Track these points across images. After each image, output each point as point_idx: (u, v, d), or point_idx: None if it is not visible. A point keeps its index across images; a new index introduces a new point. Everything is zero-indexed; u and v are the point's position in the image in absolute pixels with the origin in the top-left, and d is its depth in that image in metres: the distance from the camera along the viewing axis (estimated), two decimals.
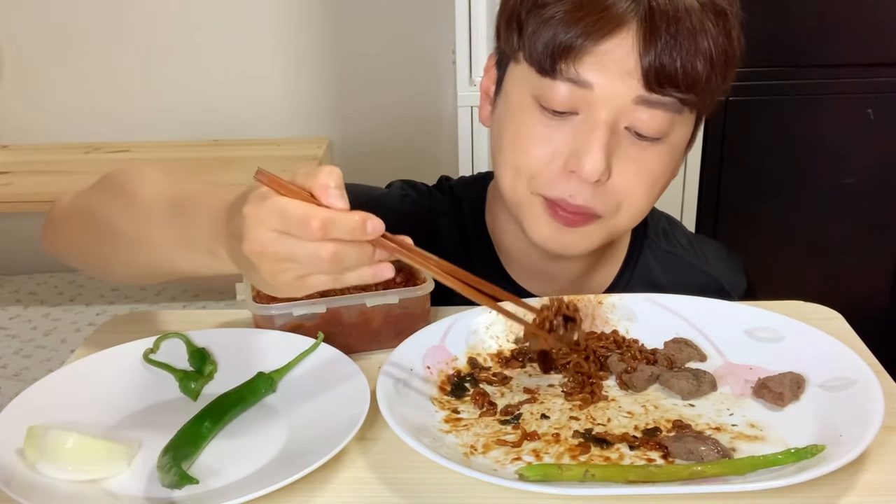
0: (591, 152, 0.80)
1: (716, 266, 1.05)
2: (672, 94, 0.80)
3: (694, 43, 0.78)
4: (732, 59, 0.83)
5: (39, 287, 2.46)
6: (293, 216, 0.61)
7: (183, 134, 2.51)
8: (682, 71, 0.78)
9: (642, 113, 0.80)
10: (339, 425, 0.68)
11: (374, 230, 0.63)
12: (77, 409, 0.73)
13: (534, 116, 0.83)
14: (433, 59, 2.47)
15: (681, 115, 0.83)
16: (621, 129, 0.82)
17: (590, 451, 0.68)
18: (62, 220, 0.92)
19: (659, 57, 0.77)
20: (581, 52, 0.78)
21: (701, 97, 0.82)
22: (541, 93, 0.82)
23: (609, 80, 0.79)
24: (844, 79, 2.02)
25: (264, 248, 0.62)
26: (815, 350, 0.77)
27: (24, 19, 2.45)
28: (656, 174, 0.85)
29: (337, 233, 0.61)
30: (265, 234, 0.62)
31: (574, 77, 0.80)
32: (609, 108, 0.80)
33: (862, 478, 0.64)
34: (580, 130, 0.81)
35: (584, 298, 0.87)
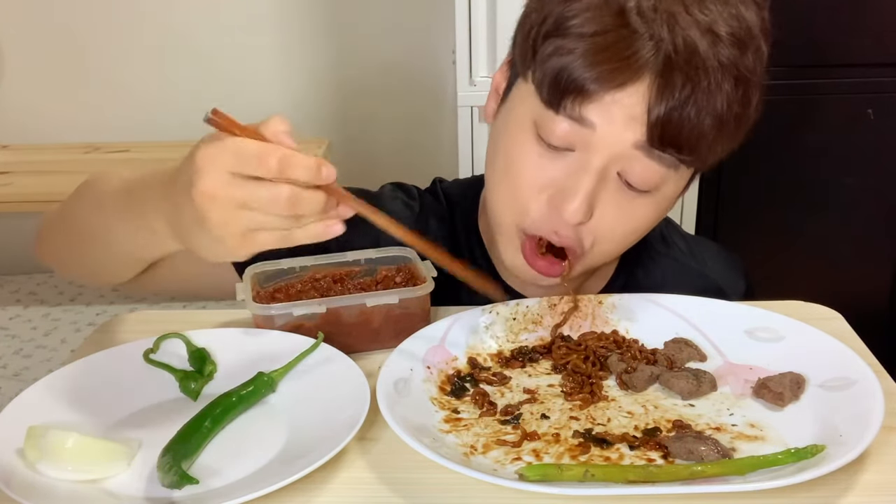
0: (576, 197, 0.78)
1: (714, 268, 1.05)
2: (672, 153, 0.77)
3: (707, 106, 0.74)
4: (745, 124, 0.80)
5: (39, 287, 2.46)
6: (250, 153, 0.60)
7: (183, 134, 2.50)
8: (687, 133, 0.75)
9: (637, 162, 0.78)
10: (339, 425, 0.68)
11: (328, 175, 0.62)
12: (77, 409, 0.73)
13: (530, 144, 0.81)
14: (433, 59, 2.47)
15: (676, 171, 0.80)
16: (612, 174, 0.79)
17: (590, 451, 0.68)
18: (47, 230, 0.95)
19: (667, 115, 0.74)
20: (591, 95, 0.75)
21: (701, 158, 0.80)
22: (541, 122, 0.79)
23: (612, 124, 0.76)
24: (844, 79, 2.02)
25: (217, 190, 0.61)
26: (815, 350, 0.77)
27: (24, 19, 2.45)
28: (638, 223, 0.84)
29: (294, 171, 0.61)
30: (220, 177, 0.61)
31: (577, 116, 0.77)
32: (606, 152, 0.77)
33: (862, 478, 0.64)
34: (572, 170, 0.79)
35: (584, 298, 0.87)
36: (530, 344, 0.84)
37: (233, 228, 0.62)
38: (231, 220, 0.62)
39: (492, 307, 0.85)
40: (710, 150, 0.79)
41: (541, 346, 0.84)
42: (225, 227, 0.62)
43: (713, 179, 2.09)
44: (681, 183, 0.84)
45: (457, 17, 1.85)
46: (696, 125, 0.75)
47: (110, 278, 0.94)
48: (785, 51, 2.14)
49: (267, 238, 0.64)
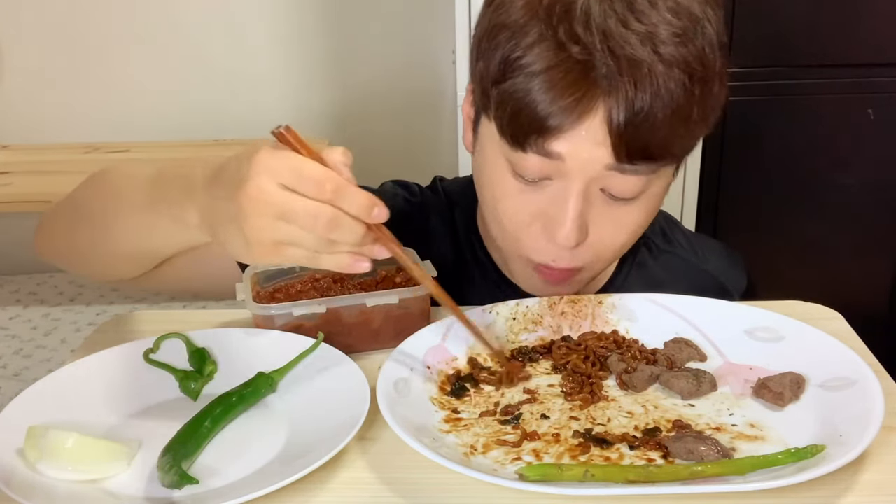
0: (565, 224, 0.79)
1: (715, 265, 1.05)
2: (643, 163, 0.77)
3: (665, 107, 0.73)
4: (712, 110, 0.79)
5: (39, 287, 2.46)
6: (310, 173, 0.62)
7: (183, 134, 2.51)
8: (653, 139, 0.75)
9: (614, 179, 0.78)
10: (339, 425, 0.68)
11: (378, 215, 0.64)
12: (77, 409, 0.73)
13: (508, 181, 0.82)
14: (433, 59, 2.47)
15: (656, 173, 0.80)
16: (595, 192, 0.80)
17: (590, 451, 0.68)
18: (50, 222, 0.93)
19: (629, 128, 0.74)
20: (554, 130, 0.75)
21: (676, 156, 0.80)
22: (513, 160, 0.80)
23: (580, 153, 0.76)
24: (844, 79, 2.02)
25: (263, 195, 0.61)
26: (815, 350, 0.77)
27: (24, 19, 2.45)
28: (634, 227, 0.84)
29: (346, 202, 0.62)
30: (270, 185, 0.62)
31: (545, 152, 0.77)
32: (581, 177, 0.77)
33: (862, 478, 0.64)
34: (554, 198, 0.80)
35: (584, 298, 0.87)
36: (530, 344, 0.84)
37: (266, 236, 0.63)
38: (266, 229, 0.63)
39: (492, 307, 0.85)
40: (682, 146, 0.79)
41: (541, 346, 0.84)
42: (259, 232, 0.63)
43: (713, 179, 2.09)
44: (666, 179, 0.84)
45: (457, 17, 1.86)
46: (659, 130, 0.74)
47: (117, 273, 0.92)
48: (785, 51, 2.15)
49: (295, 254, 0.64)
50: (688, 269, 1.03)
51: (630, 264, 1.02)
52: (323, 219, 0.62)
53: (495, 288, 0.97)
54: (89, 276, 0.95)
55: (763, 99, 2.02)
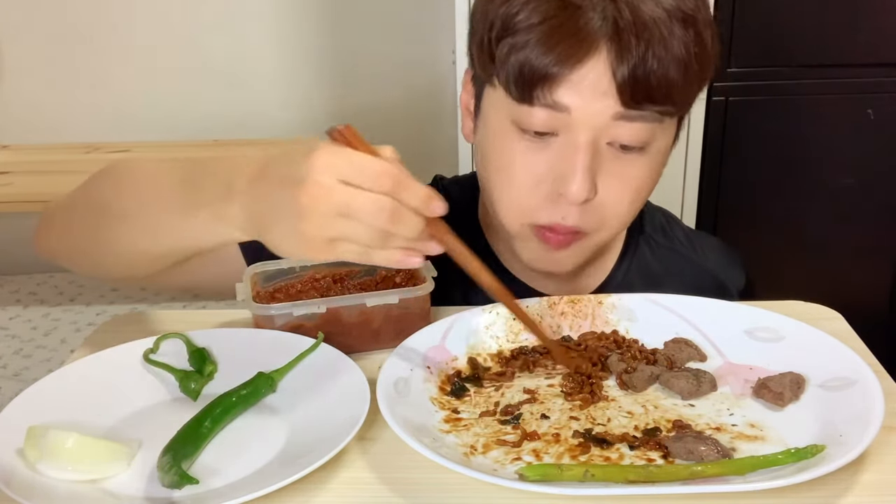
0: (575, 176, 0.80)
1: (714, 261, 1.06)
2: (649, 107, 0.79)
3: (666, 55, 0.77)
4: (708, 63, 0.82)
5: (39, 287, 2.46)
6: (369, 168, 0.62)
7: (183, 134, 2.51)
8: (656, 84, 0.77)
9: (622, 128, 0.80)
10: (339, 425, 0.68)
11: (436, 208, 0.65)
12: (77, 409, 0.73)
13: (514, 142, 0.83)
14: (433, 59, 2.47)
15: (661, 123, 0.82)
16: (603, 146, 0.81)
17: (590, 451, 0.68)
18: (55, 216, 0.91)
19: (632, 73, 0.76)
20: (557, 78, 0.77)
21: (679, 105, 0.82)
22: (519, 118, 0.81)
23: (585, 101, 0.78)
24: (844, 79, 2.02)
25: (325, 193, 0.62)
26: (815, 350, 0.77)
27: (24, 19, 2.45)
28: (641, 184, 0.85)
29: (406, 195, 0.63)
30: (331, 181, 0.62)
31: (550, 103, 0.79)
32: (588, 128, 0.79)
33: (862, 478, 0.64)
34: (562, 153, 0.81)
35: (583, 298, 0.87)
36: (530, 344, 0.84)
37: (324, 233, 0.63)
38: (325, 226, 0.63)
39: (492, 307, 0.85)
40: (684, 95, 0.81)
41: (541, 346, 0.84)
42: (318, 230, 0.63)
43: (713, 179, 2.09)
44: (669, 134, 0.86)
45: (457, 17, 1.86)
46: (661, 76, 0.77)
47: (129, 272, 0.89)
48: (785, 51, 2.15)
49: (349, 249, 0.64)
50: (687, 265, 1.04)
51: (630, 259, 1.02)
52: (386, 212, 0.62)
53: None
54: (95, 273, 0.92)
55: (763, 99, 2.02)
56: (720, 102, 2.00)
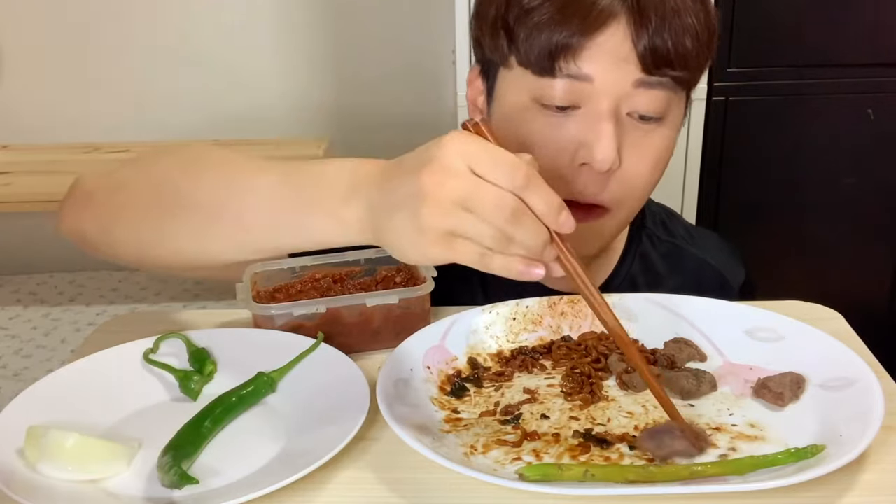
0: (601, 142, 0.81)
1: (715, 255, 1.07)
2: (668, 73, 0.81)
3: (680, 22, 0.80)
4: (713, 32, 0.85)
5: (39, 287, 2.46)
6: (503, 160, 0.60)
7: (183, 134, 2.51)
8: (674, 51, 0.80)
9: (642, 96, 0.82)
10: (339, 425, 0.68)
11: (566, 222, 0.62)
12: (77, 409, 0.73)
13: (535, 116, 0.84)
14: (433, 59, 2.47)
15: (676, 93, 0.84)
16: (623, 116, 0.83)
17: (590, 451, 0.68)
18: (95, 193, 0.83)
19: (652, 40, 0.79)
20: (578, 47, 0.80)
21: (692, 73, 0.84)
22: (540, 93, 0.83)
23: (606, 69, 0.80)
24: (844, 79, 2.02)
25: (451, 175, 0.59)
26: (815, 350, 0.77)
27: (24, 19, 2.45)
28: (659, 155, 0.87)
29: (535, 196, 0.61)
30: (460, 164, 0.59)
31: (574, 72, 0.81)
32: (610, 96, 0.81)
33: (862, 478, 0.64)
34: (586, 123, 0.82)
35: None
36: (530, 344, 0.84)
37: (441, 224, 0.60)
38: (443, 215, 0.60)
39: (492, 307, 0.85)
40: (696, 64, 0.83)
41: (541, 346, 0.84)
42: (434, 218, 0.60)
43: (713, 179, 2.09)
44: (681, 109, 0.88)
45: (457, 17, 1.86)
46: (677, 42, 0.80)
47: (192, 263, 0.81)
48: (785, 51, 2.15)
49: (465, 249, 0.61)
50: (689, 260, 1.05)
51: (633, 255, 1.03)
52: (507, 209, 0.59)
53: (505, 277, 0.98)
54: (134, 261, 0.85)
55: (763, 99, 2.02)
56: (720, 102, 2.00)
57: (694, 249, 1.06)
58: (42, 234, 2.57)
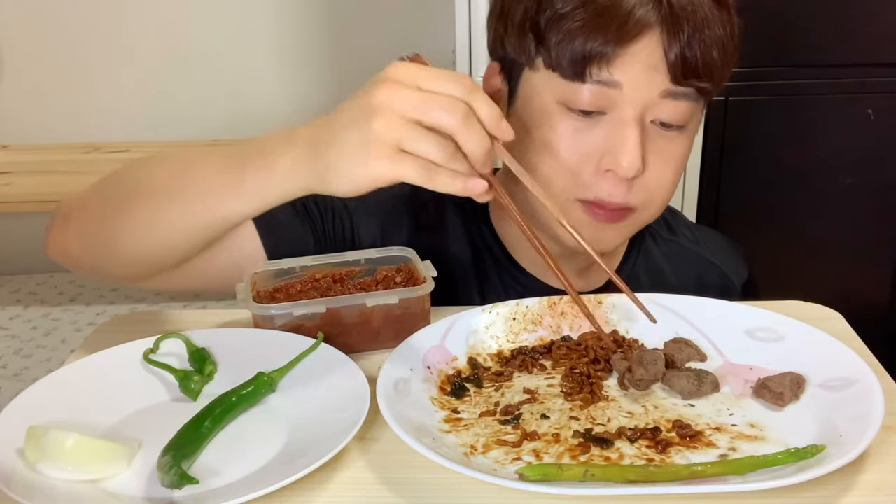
0: (626, 149, 0.82)
1: (718, 254, 1.08)
2: (694, 84, 0.82)
3: (709, 35, 0.82)
4: (737, 44, 0.87)
5: (39, 287, 2.46)
6: (447, 74, 0.63)
7: (183, 134, 2.51)
8: (702, 62, 0.81)
9: (667, 105, 0.83)
10: (339, 425, 0.68)
11: (506, 129, 0.65)
12: (77, 409, 0.73)
13: (561, 119, 0.84)
14: (433, 59, 2.47)
15: (698, 103, 0.86)
16: (648, 123, 0.84)
17: (590, 451, 0.68)
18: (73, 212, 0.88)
19: (683, 51, 0.81)
20: (612, 56, 0.80)
21: (716, 84, 0.85)
22: (567, 97, 0.83)
23: (636, 77, 0.81)
24: (844, 79, 2.02)
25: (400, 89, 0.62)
26: (815, 350, 0.77)
27: (24, 19, 2.45)
28: (680, 161, 0.88)
29: (479, 104, 0.63)
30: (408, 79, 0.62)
31: (604, 79, 0.81)
32: (637, 104, 0.82)
33: (862, 478, 0.64)
34: (612, 129, 0.83)
35: (583, 298, 0.87)
36: (530, 344, 0.84)
37: (391, 135, 0.62)
38: (393, 130, 0.62)
39: (492, 307, 0.85)
40: (721, 74, 0.85)
41: (541, 346, 0.84)
42: (385, 131, 0.62)
43: (713, 180, 2.09)
44: (700, 117, 0.90)
45: (457, 18, 1.86)
46: (706, 54, 0.81)
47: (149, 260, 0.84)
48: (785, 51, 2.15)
49: (412, 165, 0.63)
50: (692, 258, 1.06)
51: (637, 252, 1.04)
52: (460, 112, 0.62)
53: (506, 274, 0.98)
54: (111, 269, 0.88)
55: (763, 99, 2.02)
56: (720, 102, 2.00)
57: (697, 248, 1.07)
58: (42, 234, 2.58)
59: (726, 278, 1.05)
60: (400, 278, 0.89)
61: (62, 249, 0.89)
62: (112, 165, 0.87)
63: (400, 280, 0.88)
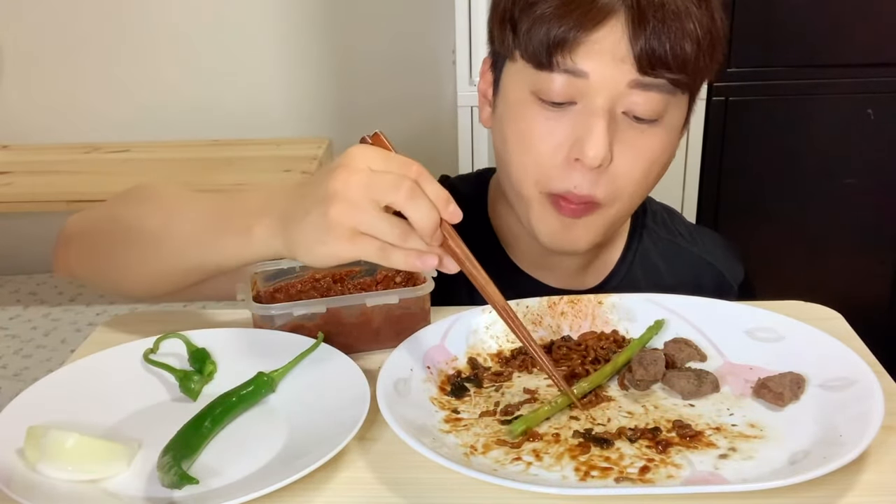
0: (592, 138, 0.82)
1: (714, 254, 1.08)
2: (664, 75, 0.82)
3: (680, 26, 0.81)
4: (718, 39, 0.85)
5: (39, 287, 2.46)
6: (398, 158, 0.68)
7: (183, 134, 2.51)
8: (671, 53, 0.81)
9: (637, 96, 0.83)
10: (339, 425, 0.68)
11: (454, 212, 0.69)
12: (77, 409, 0.73)
13: (534, 111, 0.85)
14: (433, 59, 2.47)
15: (674, 96, 0.85)
16: (619, 115, 0.84)
17: (590, 451, 0.68)
18: (74, 239, 0.92)
19: (649, 41, 0.80)
20: (574, 42, 0.81)
21: (691, 77, 0.84)
22: (539, 87, 0.84)
23: (603, 67, 0.81)
24: (844, 79, 2.02)
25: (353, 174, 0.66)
26: (815, 350, 0.77)
27: (24, 19, 2.45)
28: (654, 156, 0.87)
29: (426, 186, 0.68)
30: (361, 164, 0.67)
31: (570, 68, 0.82)
32: (605, 94, 0.82)
33: (862, 478, 0.64)
34: (580, 119, 0.83)
35: (583, 298, 0.87)
36: None
37: (347, 220, 0.66)
38: (350, 212, 0.66)
39: (492, 307, 0.85)
40: (696, 69, 0.84)
41: (541, 346, 0.84)
42: (341, 216, 0.66)
43: (713, 179, 2.09)
44: (681, 112, 0.89)
45: (457, 17, 1.86)
46: (676, 46, 0.81)
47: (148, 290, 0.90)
48: (785, 51, 2.15)
49: (368, 244, 0.67)
50: (689, 258, 1.06)
51: (633, 253, 1.04)
52: (405, 188, 0.66)
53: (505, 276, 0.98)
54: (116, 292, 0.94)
55: (763, 99, 2.02)
56: (720, 102, 2.00)
57: (694, 248, 1.07)
58: (42, 234, 2.57)
59: (723, 278, 1.05)
60: (400, 278, 0.89)
61: (67, 272, 0.94)
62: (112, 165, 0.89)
63: (400, 280, 0.88)
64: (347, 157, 0.68)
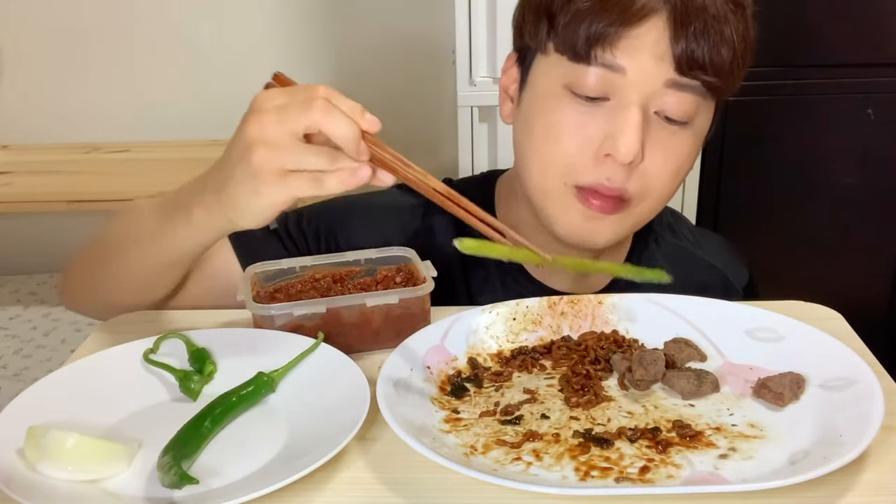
0: (625, 133, 0.82)
1: (719, 258, 1.08)
2: (700, 77, 0.82)
3: (719, 31, 0.82)
4: (750, 46, 0.86)
5: (39, 287, 2.46)
6: (300, 87, 0.68)
7: (183, 134, 2.51)
8: (709, 56, 0.82)
9: (671, 97, 0.83)
10: (339, 425, 0.68)
11: (371, 120, 0.68)
12: (77, 409, 0.73)
13: (566, 104, 0.85)
14: (433, 59, 2.47)
15: (705, 100, 0.86)
16: (651, 114, 0.84)
17: (590, 451, 0.68)
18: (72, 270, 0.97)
19: (689, 42, 0.81)
20: (615, 37, 0.81)
21: (725, 82, 0.85)
22: (573, 80, 0.84)
23: (641, 63, 0.82)
24: (844, 79, 2.02)
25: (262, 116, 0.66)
26: (815, 350, 0.77)
27: (24, 19, 2.45)
28: (682, 159, 0.88)
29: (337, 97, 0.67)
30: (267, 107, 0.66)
31: (608, 62, 0.82)
32: (640, 91, 0.83)
33: (862, 478, 0.64)
34: (613, 114, 0.84)
35: (584, 298, 0.87)
36: (530, 344, 0.84)
37: (271, 162, 0.66)
38: (270, 158, 0.66)
39: (492, 307, 0.85)
40: (731, 73, 0.85)
41: (541, 346, 0.84)
42: (264, 159, 0.66)
43: (713, 180, 2.09)
44: (709, 114, 0.90)
45: (457, 17, 1.85)
46: (713, 49, 0.82)
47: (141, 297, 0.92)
48: (785, 51, 2.15)
49: (300, 182, 0.66)
50: (694, 262, 1.06)
51: (639, 256, 1.04)
52: (317, 106, 0.65)
53: (510, 278, 0.99)
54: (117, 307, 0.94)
55: (763, 99, 2.02)
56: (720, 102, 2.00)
57: (699, 252, 1.07)
58: (42, 234, 2.58)
59: (728, 281, 1.05)
60: (400, 278, 0.89)
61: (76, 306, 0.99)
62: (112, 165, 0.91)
63: (400, 280, 0.88)
64: (254, 104, 0.68)
